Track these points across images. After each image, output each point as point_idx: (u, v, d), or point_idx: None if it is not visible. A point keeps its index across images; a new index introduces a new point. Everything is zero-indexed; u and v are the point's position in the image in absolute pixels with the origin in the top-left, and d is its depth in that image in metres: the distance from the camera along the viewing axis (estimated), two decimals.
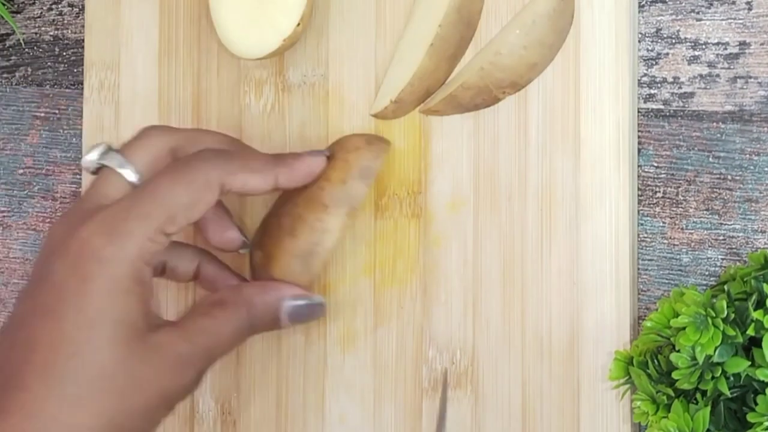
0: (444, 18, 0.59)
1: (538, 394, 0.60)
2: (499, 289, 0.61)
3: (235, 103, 0.66)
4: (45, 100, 0.72)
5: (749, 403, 0.51)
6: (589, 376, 0.59)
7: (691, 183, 0.60)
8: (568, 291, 0.60)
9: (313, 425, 0.63)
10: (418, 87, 0.61)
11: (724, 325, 0.50)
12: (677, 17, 0.60)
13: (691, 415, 0.51)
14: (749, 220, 0.59)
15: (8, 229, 0.72)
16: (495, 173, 0.61)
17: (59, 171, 0.71)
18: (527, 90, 0.61)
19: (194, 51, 0.67)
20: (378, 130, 0.63)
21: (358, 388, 0.63)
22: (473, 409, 0.61)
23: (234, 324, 0.57)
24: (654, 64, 0.61)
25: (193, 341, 0.55)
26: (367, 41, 0.64)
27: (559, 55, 0.60)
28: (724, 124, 0.60)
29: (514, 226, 0.61)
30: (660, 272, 0.60)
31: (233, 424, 0.65)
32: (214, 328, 0.56)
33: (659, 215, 0.61)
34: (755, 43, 0.59)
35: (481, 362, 0.61)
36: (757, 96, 0.59)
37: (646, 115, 0.61)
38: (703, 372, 0.51)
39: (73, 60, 0.71)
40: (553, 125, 0.60)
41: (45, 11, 0.72)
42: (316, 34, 0.65)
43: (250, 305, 0.58)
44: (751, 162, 0.59)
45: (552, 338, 0.60)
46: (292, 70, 0.65)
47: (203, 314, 0.56)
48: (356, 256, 0.63)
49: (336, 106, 0.64)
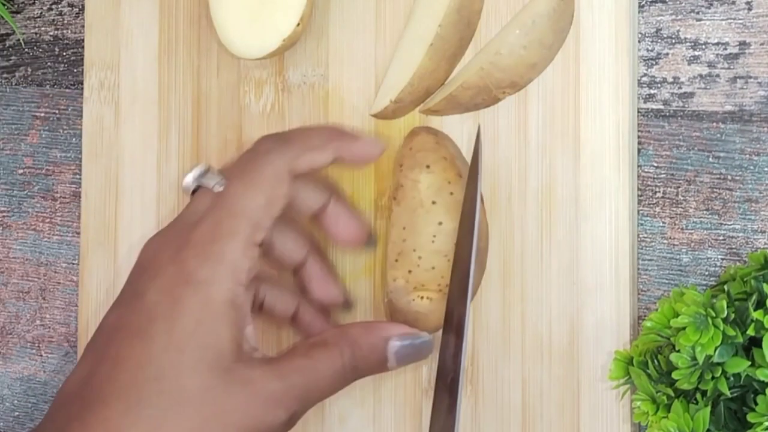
0: (444, 18, 0.59)
1: (538, 394, 0.60)
2: (499, 289, 0.61)
3: (235, 103, 0.66)
4: (45, 100, 0.72)
5: (749, 403, 0.51)
6: (589, 376, 0.59)
7: (691, 183, 0.60)
8: (568, 291, 0.60)
9: (313, 425, 0.63)
10: (418, 87, 0.61)
11: (724, 325, 0.50)
12: (677, 17, 0.60)
13: (691, 415, 0.51)
14: (749, 220, 0.59)
15: (8, 229, 0.72)
16: (495, 173, 0.61)
17: (59, 171, 0.71)
18: (527, 90, 0.61)
19: (194, 51, 0.67)
20: (378, 131, 0.63)
21: (358, 388, 0.63)
22: (473, 409, 0.61)
23: (335, 365, 0.55)
24: (654, 64, 0.61)
25: (287, 379, 0.52)
26: (367, 41, 0.64)
27: (559, 55, 0.60)
28: (724, 124, 0.60)
29: (514, 226, 0.61)
30: (660, 272, 0.60)
31: None
32: (311, 369, 0.54)
33: (659, 215, 0.61)
34: (755, 43, 0.59)
35: (481, 362, 0.61)
36: (757, 96, 0.59)
37: (646, 115, 0.61)
38: (703, 372, 0.51)
39: (73, 60, 0.71)
40: (553, 125, 0.60)
41: (45, 11, 0.72)
42: (316, 34, 0.65)
43: (354, 346, 0.55)
44: (751, 162, 0.59)
45: (552, 338, 0.60)
46: (292, 70, 0.65)
47: (302, 354, 0.54)
48: (356, 256, 0.63)
49: (336, 106, 0.64)
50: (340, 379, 0.55)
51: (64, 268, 0.71)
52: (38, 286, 0.71)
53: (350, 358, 0.55)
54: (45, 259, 0.71)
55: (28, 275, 0.72)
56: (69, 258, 0.71)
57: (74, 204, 0.71)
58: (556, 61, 0.60)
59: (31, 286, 0.72)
